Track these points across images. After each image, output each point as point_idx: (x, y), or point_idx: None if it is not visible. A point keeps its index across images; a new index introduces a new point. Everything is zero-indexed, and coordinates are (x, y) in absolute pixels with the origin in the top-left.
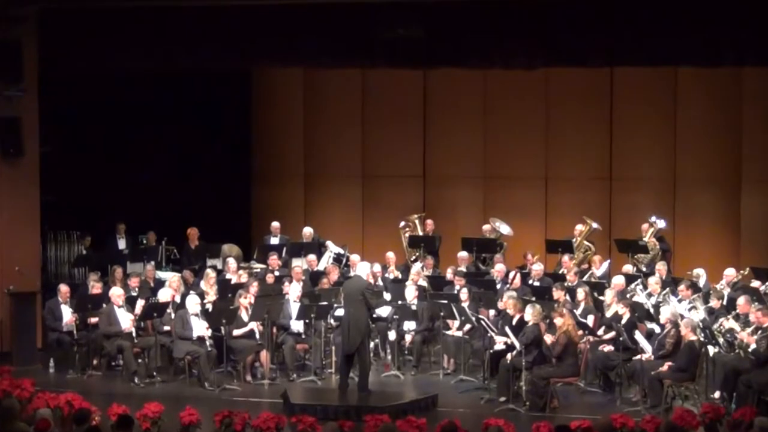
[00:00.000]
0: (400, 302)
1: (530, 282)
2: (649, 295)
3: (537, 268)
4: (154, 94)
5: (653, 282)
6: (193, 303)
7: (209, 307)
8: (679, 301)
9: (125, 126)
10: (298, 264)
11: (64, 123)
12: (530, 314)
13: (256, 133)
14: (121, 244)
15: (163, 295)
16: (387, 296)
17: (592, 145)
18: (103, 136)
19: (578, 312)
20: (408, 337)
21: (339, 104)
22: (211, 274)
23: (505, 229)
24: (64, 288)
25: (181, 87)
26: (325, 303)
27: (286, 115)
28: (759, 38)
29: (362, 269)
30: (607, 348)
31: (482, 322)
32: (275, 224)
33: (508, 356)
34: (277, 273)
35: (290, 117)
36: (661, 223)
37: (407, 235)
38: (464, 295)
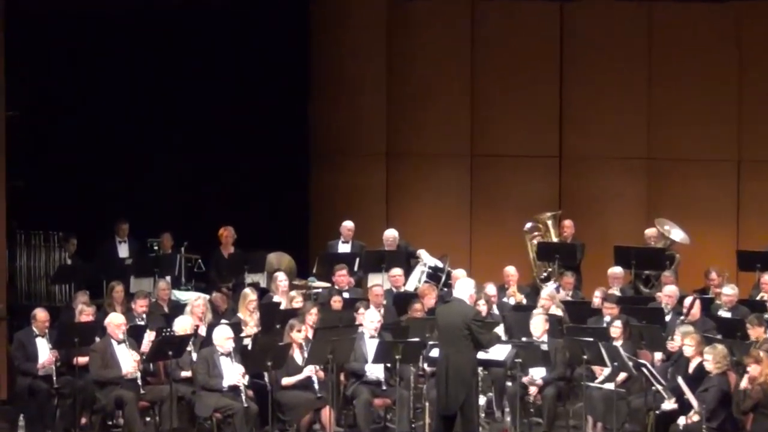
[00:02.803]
0: (524, 339)
1: (716, 312)
2: None
3: (727, 291)
4: (166, 36)
5: None
6: (224, 337)
7: (248, 343)
8: None
9: (127, 82)
10: (378, 282)
11: (39, 77)
12: (711, 359)
13: (316, 93)
14: (123, 250)
15: (182, 325)
16: (502, 330)
17: None
18: (94, 94)
19: None
20: (535, 390)
21: (438, 50)
22: (251, 295)
23: (677, 234)
24: (40, 314)
25: (206, 26)
26: (415, 339)
27: (360, 66)
28: None
29: (464, 289)
30: None
31: (644, 369)
32: (347, 224)
33: (682, 420)
34: (346, 294)
35: (366, 69)
36: None
37: (536, 241)
38: (617, 329)
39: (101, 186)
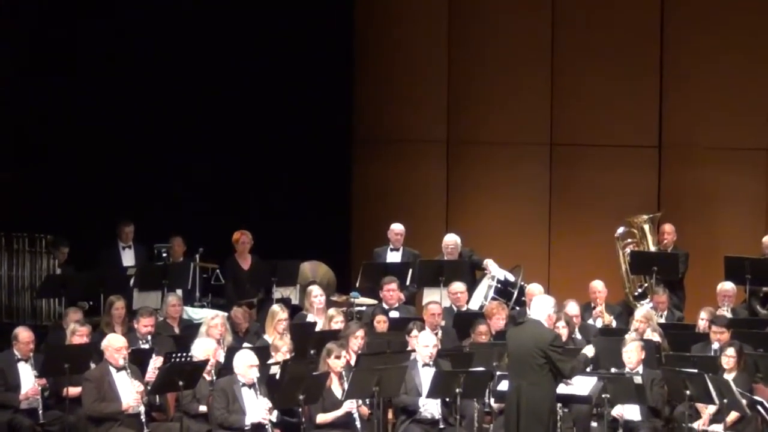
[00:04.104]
0: (613, 370)
1: None
2: None
3: None
4: (185, 16)
5: None
6: (247, 364)
7: (276, 372)
8: None
9: (137, 62)
10: (434, 299)
11: (34, 43)
12: None
13: (361, 70)
14: (127, 258)
15: (198, 350)
16: (590, 352)
17: None
18: (98, 73)
19: None
20: None
21: (510, 20)
22: (280, 313)
23: None
24: (23, 334)
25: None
26: (480, 369)
27: (416, 39)
28: None
29: (541, 308)
30: None
31: (760, 408)
32: (397, 228)
33: None
34: (395, 313)
35: (424, 42)
36: None
37: (629, 250)
38: (729, 358)
39: (101, 181)
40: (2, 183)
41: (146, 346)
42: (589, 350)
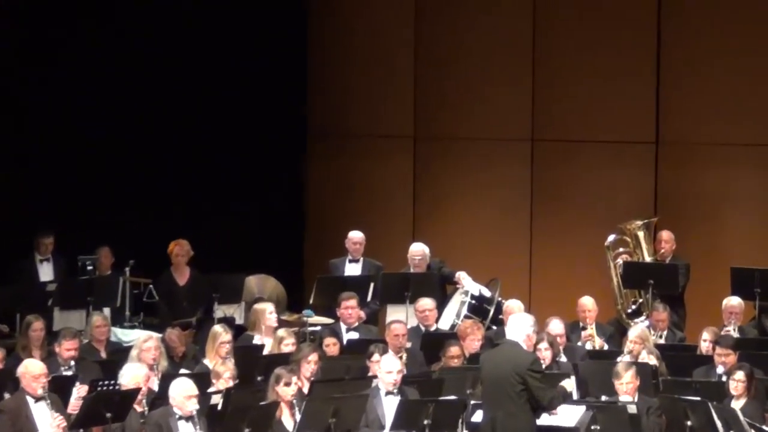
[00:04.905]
0: (603, 398)
1: None
2: None
3: None
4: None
5: None
6: (184, 394)
7: (217, 401)
8: None
9: (68, 44)
10: (399, 317)
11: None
12: None
13: (316, 58)
14: (45, 271)
15: (128, 377)
16: (572, 384)
17: None
18: (15, 55)
19: None
20: None
21: (483, 6)
22: (223, 335)
23: None
24: None
25: None
26: (451, 398)
27: (378, 23)
28: None
29: (518, 328)
30: None
31: None
32: (355, 236)
33: None
34: (355, 334)
35: (387, 27)
36: None
37: (621, 261)
38: (738, 383)
39: (17, 183)
40: None
41: (69, 373)
42: (568, 384)
